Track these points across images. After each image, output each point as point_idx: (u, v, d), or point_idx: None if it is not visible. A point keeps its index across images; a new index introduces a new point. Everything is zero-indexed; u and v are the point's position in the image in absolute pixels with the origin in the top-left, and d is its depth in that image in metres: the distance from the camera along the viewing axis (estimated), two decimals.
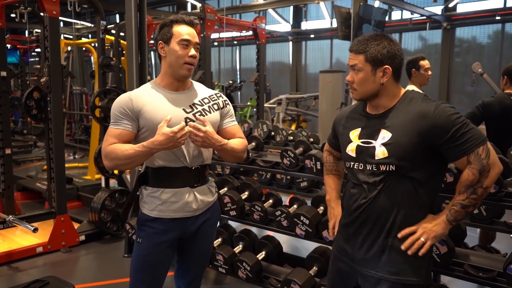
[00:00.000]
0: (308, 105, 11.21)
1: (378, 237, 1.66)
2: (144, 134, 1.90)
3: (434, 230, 1.60)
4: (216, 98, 2.07)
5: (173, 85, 1.96)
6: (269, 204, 3.18)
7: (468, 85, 10.85)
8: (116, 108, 1.90)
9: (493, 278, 2.14)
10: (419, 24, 11.38)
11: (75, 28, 11.79)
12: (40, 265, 3.93)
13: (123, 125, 1.88)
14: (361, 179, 1.68)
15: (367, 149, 1.66)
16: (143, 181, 2.01)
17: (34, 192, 5.86)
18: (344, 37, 7.50)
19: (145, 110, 1.88)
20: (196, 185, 1.98)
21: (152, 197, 1.95)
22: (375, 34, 1.66)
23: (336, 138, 1.95)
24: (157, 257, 1.97)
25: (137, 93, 1.94)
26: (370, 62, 1.62)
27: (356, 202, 1.70)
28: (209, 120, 1.96)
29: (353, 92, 1.71)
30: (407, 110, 1.63)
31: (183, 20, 1.93)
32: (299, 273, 2.75)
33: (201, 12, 5.74)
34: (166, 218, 1.94)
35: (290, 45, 14.63)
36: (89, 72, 9.99)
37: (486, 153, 1.54)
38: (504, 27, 10.79)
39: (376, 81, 1.64)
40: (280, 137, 3.55)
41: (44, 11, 4.07)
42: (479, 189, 1.56)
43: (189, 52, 1.89)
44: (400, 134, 1.59)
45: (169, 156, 1.91)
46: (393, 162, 1.59)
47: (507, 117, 3.12)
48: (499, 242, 3.33)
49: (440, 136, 1.55)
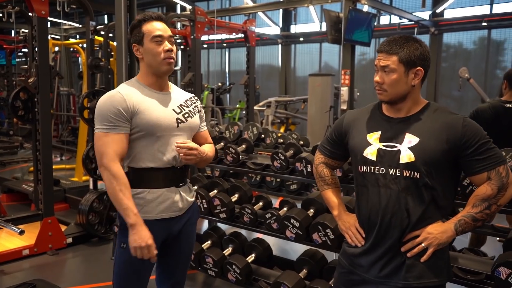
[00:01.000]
0: (297, 108, 11.24)
1: (398, 246, 1.63)
2: (137, 134, 1.85)
3: (439, 238, 1.58)
4: (195, 101, 2.08)
5: (157, 84, 1.93)
6: (259, 206, 3.18)
7: (455, 89, 10.98)
8: (109, 109, 1.80)
9: (481, 280, 2.16)
10: (407, 29, 11.49)
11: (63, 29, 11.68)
12: (27, 268, 3.87)
13: (121, 128, 1.81)
14: (381, 184, 1.63)
15: (390, 152, 1.62)
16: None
17: (20, 194, 5.77)
18: (334, 41, 7.55)
19: (139, 110, 1.83)
20: (181, 184, 1.98)
21: (136, 199, 1.88)
22: (405, 36, 1.64)
23: (337, 145, 1.88)
24: (142, 262, 1.88)
25: (127, 91, 1.86)
26: (404, 63, 1.60)
27: (376, 209, 1.64)
28: (194, 122, 2.01)
29: (381, 94, 1.66)
30: (433, 118, 1.62)
31: (151, 17, 1.89)
32: (289, 276, 2.76)
33: (191, 14, 5.73)
34: (151, 220, 1.89)
35: (280, 48, 14.66)
36: (76, 73, 9.90)
37: (506, 172, 1.57)
38: (490, 33, 10.95)
39: (408, 83, 1.62)
40: (270, 139, 3.56)
41: (32, 11, 4.02)
42: (493, 206, 1.57)
43: (164, 46, 1.86)
44: (428, 140, 1.58)
45: (159, 158, 1.88)
46: (418, 167, 1.57)
47: (498, 122, 3.15)
48: (487, 245, 3.38)
49: (466, 148, 1.56)
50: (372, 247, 1.68)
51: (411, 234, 1.61)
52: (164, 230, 1.95)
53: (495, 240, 3.11)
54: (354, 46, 7.68)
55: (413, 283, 1.60)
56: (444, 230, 1.59)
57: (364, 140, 1.70)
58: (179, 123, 1.93)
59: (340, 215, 1.86)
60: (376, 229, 1.65)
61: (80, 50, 8.00)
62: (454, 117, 1.60)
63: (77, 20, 11.16)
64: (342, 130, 1.83)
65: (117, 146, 1.79)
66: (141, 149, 1.87)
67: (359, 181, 1.73)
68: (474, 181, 1.62)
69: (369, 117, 1.75)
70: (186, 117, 1.96)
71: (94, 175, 4.53)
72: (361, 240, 1.73)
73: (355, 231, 1.76)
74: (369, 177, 1.67)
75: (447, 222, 1.61)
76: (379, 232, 1.64)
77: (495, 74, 10.94)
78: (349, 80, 7.51)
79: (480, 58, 11.15)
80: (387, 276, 1.64)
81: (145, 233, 1.76)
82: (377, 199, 1.64)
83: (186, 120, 1.96)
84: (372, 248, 1.68)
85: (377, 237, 1.66)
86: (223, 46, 15.49)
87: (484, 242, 3.39)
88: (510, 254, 2.08)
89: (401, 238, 1.62)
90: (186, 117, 1.96)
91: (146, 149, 1.87)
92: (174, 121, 1.91)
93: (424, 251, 1.60)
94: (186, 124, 1.96)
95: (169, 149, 1.90)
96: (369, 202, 1.68)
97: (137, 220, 1.76)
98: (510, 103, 3.13)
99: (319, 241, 2.60)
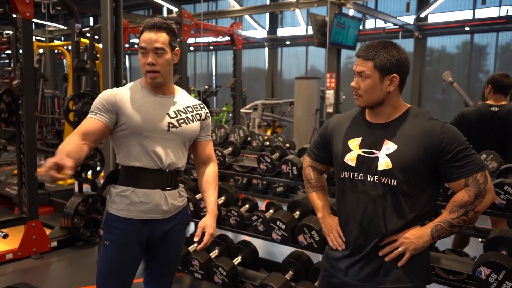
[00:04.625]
0: (284, 111, 11.29)
1: (375, 251, 1.63)
2: (124, 132, 1.88)
3: (415, 243, 1.59)
4: (199, 109, 2.07)
5: (156, 88, 1.95)
6: (246, 209, 3.19)
7: (438, 93, 11.15)
8: (99, 101, 1.88)
9: (463, 280, 2.21)
10: (392, 33, 11.63)
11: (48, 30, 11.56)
12: (10, 272, 3.82)
13: (98, 115, 1.84)
14: (359, 190, 1.64)
15: (369, 159, 1.62)
16: (113, 179, 1.97)
17: (3, 197, 5.70)
18: (320, 44, 7.61)
19: (128, 107, 1.86)
20: (168, 188, 1.96)
21: (121, 196, 1.91)
22: (384, 41, 1.63)
23: (323, 149, 1.88)
24: (126, 259, 1.92)
25: (123, 90, 1.92)
26: (378, 69, 1.59)
27: (354, 215, 1.66)
28: (190, 129, 1.99)
29: (357, 99, 1.66)
30: (412, 124, 1.61)
31: (146, 26, 1.87)
32: (275, 278, 2.77)
33: (178, 17, 5.74)
34: (134, 219, 1.90)
35: (266, 51, 14.72)
36: (61, 75, 9.80)
37: (484, 179, 1.55)
38: (473, 38, 11.15)
39: (383, 89, 1.61)
40: (256, 142, 3.57)
41: (17, 12, 3.98)
42: (471, 212, 1.57)
43: (146, 59, 1.85)
44: (406, 147, 1.58)
45: (146, 157, 1.89)
46: (396, 174, 1.57)
47: (484, 125, 3.21)
48: (470, 246, 3.44)
49: (443, 155, 1.55)
50: (351, 251, 1.69)
51: (389, 238, 1.62)
52: (147, 230, 1.94)
53: (477, 240, 3.17)
54: (339, 50, 7.75)
55: (389, 287, 1.61)
56: (420, 235, 1.59)
57: (346, 145, 1.70)
58: (171, 128, 1.92)
59: (324, 218, 1.87)
60: (355, 234, 1.67)
61: (65, 52, 7.93)
62: (432, 123, 1.59)
63: (62, 22, 11.04)
64: (327, 135, 1.84)
65: (84, 126, 1.82)
66: (130, 147, 1.89)
67: (339, 186, 1.74)
68: (452, 187, 1.63)
69: (352, 122, 1.76)
70: (181, 122, 1.95)
71: (79, 178, 4.50)
72: (341, 244, 1.74)
73: (336, 235, 1.77)
74: (348, 182, 1.68)
75: (424, 227, 1.62)
76: (358, 237, 1.66)
77: (478, 77, 11.14)
78: (335, 83, 7.58)
79: (463, 62, 11.34)
80: (364, 279, 1.65)
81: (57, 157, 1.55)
82: (355, 204, 1.66)
83: (179, 125, 1.94)
84: (351, 252, 1.69)
85: (356, 242, 1.67)
86: (210, 49, 15.50)
87: (467, 243, 3.45)
88: (490, 254, 2.12)
89: (379, 243, 1.63)
90: (180, 123, 1.95)
91: (134, 148, 1.89)
92: (165, 125, 1.90)
93: (401, 256, 1.61)
94: (178, 130, 1.94)
95: (157, 151, 1.89)
96: (348, 207, 1.69)
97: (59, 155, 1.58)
98: (495, 107, 3.21)
99: (304, 243, 2.63)
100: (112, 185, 1.97)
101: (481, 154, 2.57)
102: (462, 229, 1.63)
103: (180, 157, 1.98)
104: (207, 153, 2.13)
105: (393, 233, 1.61)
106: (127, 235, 1.91)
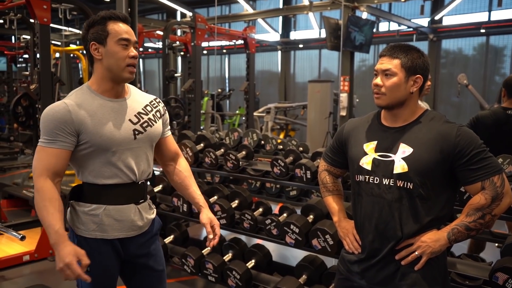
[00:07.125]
0: (297, 114, 11.28)
1: (391, 254, 1.63)
2: (87, 150, 1.67)
3: (432, 246, 1.58)
4: (156, 105, 1.88)
5: (112, 91, 1.73)
6: (259, 212, 3.20)
7: (453, 96, 11.03)
8: (52, 124, 1.62)
9: (479, 286, 2.18)
10: (406, 36, 11.57)
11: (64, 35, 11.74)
12: (27, 273, 3.87)
13: (60, 143, 1.62)
14: (375, 194, 1.64)
15: (384, 163, 1.63)
16: (76, 196, 1.75)
17: (20, 199, 5.78)
18: (333, 48, 7.61)
19: (88, 124, 1.64)
20: (141, 201, 1.82)
21: (90, 216, 1.71)
22: (407, 44, 1.64)
23: (338, 153, 1.88)
24: (108, 284, 1.79)
25: (74, 103, 1.65)
26: (405, 68, 1.60)
27: (370, 219, 1.66)
28: (155, 131, 1.83)
29: (379, 98, 1.65)
30: (428, 127, 1.61)
31: (118, 17, 1.69)
32: (288, 282, 2.77)
33: (191, 21, 5.77)
34: (107, 239, 1.73)
35: (279, 54, 14.74)
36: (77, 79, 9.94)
37: (501, 182, 1.54)
38: (488, 40, 11.03)
39: (407, 89, 1.61)
40: (270, 146, 3.57)
41: (35, 18, 4.05)
42: (488, 216, 1.56)
43: (130, 52, 1.68)
44: (421, 150, 1.57)
45: (118, 173, 1.72)
46: (411, 178, 1.56)
47: (499, 129, 3.17)
48: (486, 251, 3.39)
49: (460, 158, 1.54)
50: (367, 255, 1.69)
51: (405, 242, 1.61)
52: (122, 249, 1.79)
53: (494, 246, 3.13)
54: (353, 53, 7.73)
55: None
56: (437, 239, 1.59)
57: (361, 149, 1.70)
58: (137, 135, 1.75)
59: (340, 222, 1.87)
60: (370, 238, 1.67)
61: (80, 56, 8.04)
62: (448, 126, 1.59)
63: (77, 26, 11.21)
64: (343, 139, 1.84)
65: (48, 161, 1.62)
66: (97, 165, 1.69)
67: (355, 189, 1.74)
68: (469, 190, 1.62)
69: (368, 126, 1.76)
70: (145, 126, 1.77)
71: None
72: (357, 247, 1.74)
73: (352, 238, 1.76)
74: (364, 186, 1.68)
75: (440, 230, 1.61)
76: (373, 240, 1.66)
77: (494, 80, 11.01)
78: (349, 86, 7.57)
79: (479, 64, 11.22)
80: (381, 283, 1.65)
81: (63, 252, 1.52)
82: (371, 208, 1.66)
83: (144, 130, 1.77)
84: (367, 255, 1.69)
85: (372, 245, 1.67)
86: (223, 53, 15.57)
87: (483, 248, 3.40)
88: (507, 259, 2.10)
89: (395, 247, 1.63)
90: (144, 127, 1.77)
91: (102, 166, 1.70)
92: (131, 133, 1.73)
93: (418, 259, 1.60)
94: (144, 135, 1.77)
95: (128, 163, 1.73)
96: (363, 210, 1.69)
97: (57, 239, 1.54)
98: (511, 110, 3.16)
99: (318, 247, 2.62)
100: (75, 202, 1.75)
101: (498, 158, 2.54)
102: (479, 233, 1.62)
103: (149, 163, 1.84)
104: (174, 149, 1.98)
105: (409, 236, 1.61)
106: (105, 257, 1.75)
